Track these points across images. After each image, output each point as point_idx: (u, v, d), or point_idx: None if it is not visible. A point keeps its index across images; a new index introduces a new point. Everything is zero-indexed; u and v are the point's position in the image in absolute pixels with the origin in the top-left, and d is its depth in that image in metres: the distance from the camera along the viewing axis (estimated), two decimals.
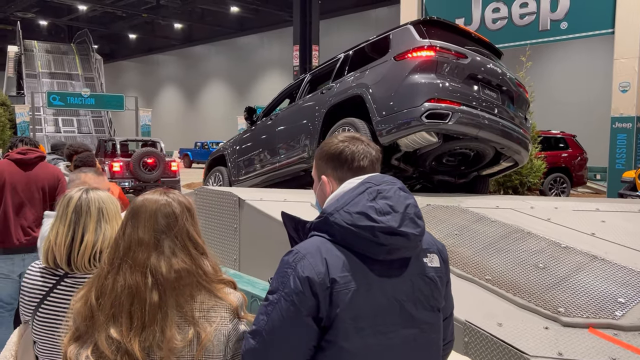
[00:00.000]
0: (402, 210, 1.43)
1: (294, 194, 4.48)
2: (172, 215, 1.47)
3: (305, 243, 1.45)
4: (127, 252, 1.42)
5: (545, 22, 11.37)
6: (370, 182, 1.49)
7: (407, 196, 1.49)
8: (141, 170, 12.81)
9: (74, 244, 1.77)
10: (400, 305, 1.41)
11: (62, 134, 24.59)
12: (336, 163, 1.57)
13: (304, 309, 1.34)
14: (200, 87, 40.37)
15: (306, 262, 1.37)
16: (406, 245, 1.42)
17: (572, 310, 2.62)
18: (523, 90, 5.24)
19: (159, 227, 1.44)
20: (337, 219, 1.41)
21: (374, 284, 1.39)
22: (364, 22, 28.42)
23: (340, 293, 1.35)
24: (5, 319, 3.95)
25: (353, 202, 1.44)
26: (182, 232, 1.46)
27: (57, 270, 1.79)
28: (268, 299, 1.40)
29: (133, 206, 1.48)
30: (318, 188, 1.61)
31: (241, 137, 6.86)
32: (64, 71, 27.85)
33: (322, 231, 1.45)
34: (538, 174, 9.44)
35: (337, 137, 1.61)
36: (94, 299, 1.41)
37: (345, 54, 5.69)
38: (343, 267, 1.37)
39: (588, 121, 19.38)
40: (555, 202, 4.11)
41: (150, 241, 1.43)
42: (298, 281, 1.35)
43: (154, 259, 1.41)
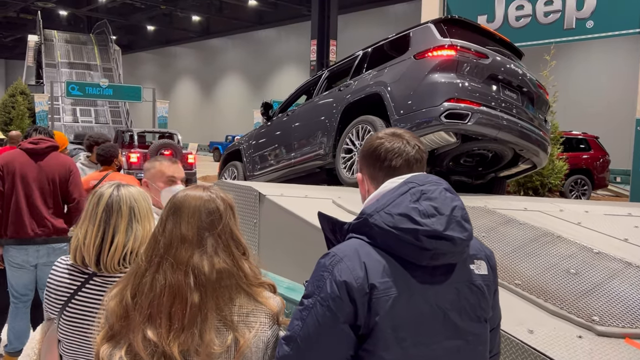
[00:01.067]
0: (448, 213, 1.34)
1: (315, 190, 4.41)
2: (217, 212, 1.39)
3: (343, 245, 1.36)
4: (169, 250, 1.34)
5: (571, 21, 11.13)
6: (414, 182, 1.39)
7: (453, 197, 1.39)
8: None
9: (104, 244, 1.69)
10: (444, 314, 1.32)
11: (80, 124, 24.80)
12: (370, 160, 1.50)
13: (341, 316, 1.26)
14: (217, 80, 40.43)
15: (343, 266, 1.29)
16: (452, 250, 1.32)
17: (607, 319, 2.52)
18: (543, 91, 5.17)
19: (203, 224, 1.37)
20: (377, 221, 1.32)
21: (416, 291, 1.30)
22: (382, 18, 28.22)
23: (380, 300, 1.26)
24: (20, 310, 3.94)
25: (394, 203, 1.34)
26: (226, 230, 1.39)
27: (86, 268, 1.72)
28: (303, 303, 1.32)
29: (174, 201, 1.40)
30: (361, 188, 1.54)
31: (257, 132, 6.83)
32: (82, 61, 28.06)
33: (360, 233, 1.36)
34: (559, 175, 9.28)
35: (379, 132, 1.53)
36: (130, 297, 1.34)
37: (364, 51, 5.64)
38: (383, 272, 1.29)
39: (609, 122, 19.07)
40: (586, 206, 4.00)
41: (194, 238, 1.35)
42: (335, 285, 1.27)
43: (197, 257, 1.33)
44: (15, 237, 3.79)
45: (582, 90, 20.52)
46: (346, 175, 4.87)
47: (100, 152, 4.42)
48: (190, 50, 42.81)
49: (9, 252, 3.82)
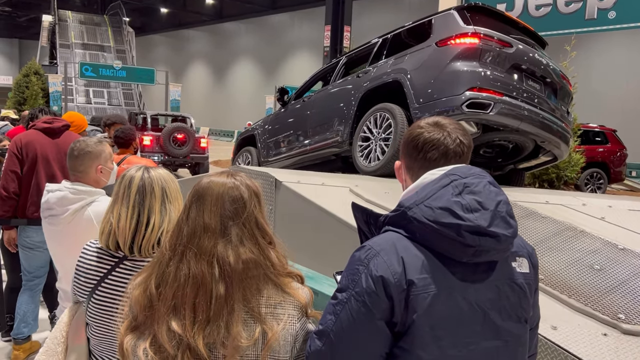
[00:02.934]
0: (493, 208, 1.27)
1: (332, 177, 4.36)
2: (241, 200, 1.34)
3: (379, 239, 1.30)
4: (192, 239, 1.30)
5: (592, 11, 10.92)
6: (456, 174, 1.32)
7: (498, 192, 1.32)
8: (171, 145, 12.77)
9: (139, 227, 1.66)
10: (484, 313, 1.26)
11: (93, 105, 24.88)
12: (407, 149, 1.44)
13: (377, 312, 1.21)
14: (230, 64, 40.31)
15: (380, 260, 1.23)
16: (496, 247, 1.26)
17: (633, 316, 2.46)
18: (566, 82, 5.06)
19: (226, 213, 1.32)
20: (417, 214, 1.26)
21: (456, 288, 1.24)
22: (397, 5, 27.90)
23: (419, 297, 1.21)
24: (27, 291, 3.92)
25: (435, 195, 1.28)
26: (251, 219, 1.34)
27: (117, 252, 1.69)
28: (337, 297, 1.27)
29: (198, 188, 1.35)
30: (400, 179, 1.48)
31: (272, 118, 6.77)
32: (96, 42, 28.08)
33: (398, 226, 1.30)
34: (576, 168, 9.17)
35: (421, 121, 1.46)
36: (154, 287, 1.30)
37: (383, 38, 5.54)
38: (422, 268, 1.23)
39: (627, 115, 18.80)
40: (609, 200, 3.92)
41: (217, 227, 1.30)
42: (371, 280, 1.22)
43: (221, 247, 1.28)
44: (36, 217, 3.78)
45: (602, 82, 20.20)
46: (363, 163, 4.81)
47: (120, 135, 4.39)
48: (203, 34, 42.67)
49: (26, 232, 3.81)
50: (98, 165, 2.47)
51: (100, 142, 2.53)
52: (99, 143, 2.52)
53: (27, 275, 3.89)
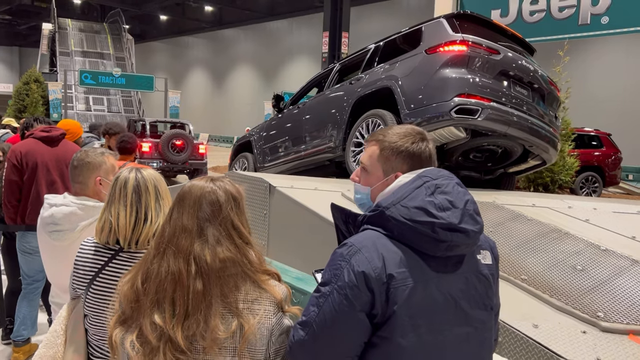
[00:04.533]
0: (462, 206, 1.40)
1: (325, 182, 4.45)
2: (217, 203, 1.44)
3: (360, 237, 1.41)
4: (172, 238, 1.41)
5: (586, 16, 11.02)
6: (427, 176, 1.45)
7: (465, 192, 1.45)
8: (169, 151, 12.85)
9: (138, 223, 1.78)
10: (456, 302, 1.39)
11: (93, 112, 24.97)
12: (415, 163, 1.52)
13: (358, 304, 1.32)
14: (229, 70, 40.46)
15: (361, 256, 1.34)
16: (466, 242, 1.39)
17: (611, 315, 2.54)
18: (554, 88, 5.16)
19: (203, 215, 1.42)
20: (394, 213, 1.38)
21: (431, 280, 1.36)
22: (395, 11, 28.05)
23: (398, 289, 1.32)
24: (27, 295, 4.00)
25: (410, 196, 1.40)
26: (227, 221, 1.44)
27: (113, 246, 1.81)
28: (320, 290, 1.37)
29: (180, 192, 1.47)
30: (381, 183, 1.55)
31: (268, 124, 6.88)
32: (96, 50, 28.19)
33: (377, 225, 1.41)
34: (570, 172, 9.25)
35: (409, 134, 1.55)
36: (140, 283, 1.41)
37: (375, 45, 5.65)
38: (400, 262, 1.34)
39: (622, 119, 18.89)
40: (594, 203, 4.01)
41: (193, 228, 1.41)
42: (353, 275, 1.32)
43: (198, 247, 1.39)
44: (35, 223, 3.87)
45: (598, 87, 20.31)
46: (356, 168, 4.89)
47: (127, 140, 4.46)
48: (202, 41, 42.85)
49: (25, 238, 3.90)
50: (97, 177, 2.44)
51: (102, 154, 2.51)
52: (100, 154, 2.49)
53: (27, 279, 3.98)
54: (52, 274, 2.55)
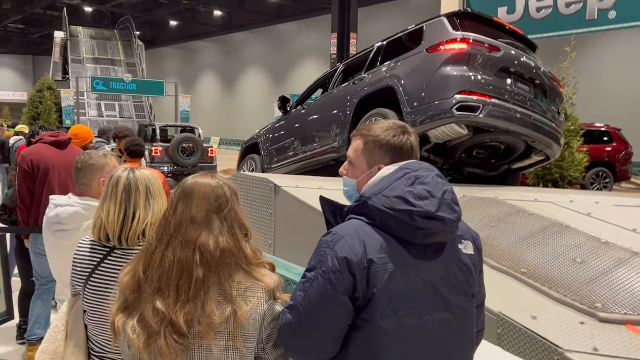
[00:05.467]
0: (440, 196, 1.47)
1: (329, 181, 4.52)
2: (224, 197, 1.54)
3: (344, 225, 1.50)
4: (179, 229, 1.49)
5: (593, 11, 10.97)
6: (409, 168, 1.53)
7: (444, 183, 1.53)
8: (180, 155, 13.04)
9: (126, 220, 1.85)
10: (435, 288, 1.45)
11: (105, 118, 25.27)
12: (396, 155, 1.60)
13: (341, 288, 1.39)
14: (239, 74, 40.69)
15: (344, 243, 1.42)
16: (443, 229, 1.45)
17: (609, 306, 2.57)
18: (557, 84, 5.18)
19: (212, 208, 1.52)
20: (376, 203, 1.46)
21: (411, 266, 1.43)
22: (403, 10, 28.03)
23: (378, 274, 1.40)
24: (41, 295, 4.11)
25: (391, 187, 1.47)
26: (232, 214, 1.54)
27: (108, 243, 1.89)
28: (306, 276, 1.45)
29: (184, 187, 1.56)
30: (366, 175, 1.63)
31: (274, 126, 6.96)
32: (107, 57, 28.54)
33: (360, 214, 1.49)
34: (579, 167, 9.19)
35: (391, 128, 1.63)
36: (142, 272, 1.50)
37: (378, 45, 5.71)
38: (381, 249, 1.42)
39: (634, 114, 18.70)
40: (597, 197, 4.03)
41: (203, 219, 1.50)
42: (336, 261, 1.40)
43: (204, 236, 1.48)
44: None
45: (609, 82, 20.14)
46: None
47: (136, 144, 4.55)
48: (212, 45, 43.14)
49: (39, 240, 4.00)
50: (101, 179, 2.48)
51: (104, 156, 2.58)
52: (103, 156, 2.57)
53: (40, 280, 4.09)
54: (57, 272, 2.62)
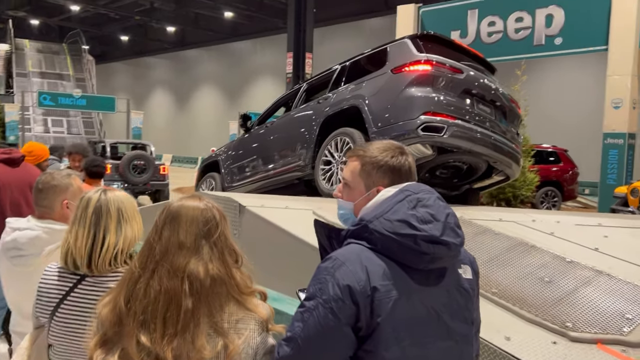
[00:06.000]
0: (443, 219, 1.43)
1: (295, 201, 4.45)
2: (213, 220, 1.44)
3: (343, 250, 1.42)
4: (165, 256, 1.39)
5: (540, 37, 11.50)
6: (409, 190, 1.48)
7: (445, 205, 1.49)
8: (130, 173, 12.71)
9: (95, 246, 1.73)
10: (438, 315, 1.40)
11: (52, 134, 24.33)
12: (395, 176, 1.55)
13: (343, 317, 1.32)
14: (192, 91, 40.22)
15: (346, 269, 1.35)
16: (448, 254, 1.41)
17: (580, 325, 2.61)
18: (515, 105, 5.34)
19: (200, 232, 1.42)
20: (377, 227, 1.39)
21: (414, 293, 1.38)
22: (357, 32, 28.54)
23: (382, 302, 1.33)
24: None
25: (393, 210, 1.42)
26: (222, 239, 1.44)
27: (77, 270, 1.75)
28: (304, 305, 1.37)
29: (170, 210, 1.45)
30: (364, 197, 1.57)
31: (236, 144, 6.87)
32: (54, 71, 27.59)
33: (360, 239, 1.42)
34: (531, 187, 9.52)
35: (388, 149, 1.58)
36: (124, 303, 1.38)
37: (342, 65, 5.74)
38: (384, 275, 1.35)
39: (577, 136, 19.58)
40: (557, 216, 4.13)
41: (191, 245, 1.40)
42: (338, 289, 1.33)
43: (193, 263, 1.38)
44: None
45: (553, 104, 21.05)
46: (325, 186, 4.93)
47: (96, 164, 4.32)
48: (165, 61, 42.52)
49: None
50: (64, 200, 2.32)
51: (68, 176, 2.40)
52: (66, 176, 2.39)
53: None
54: (14, 302, 2.43)
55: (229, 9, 31.24)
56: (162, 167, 13.66)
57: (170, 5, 31.56)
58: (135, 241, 1.79)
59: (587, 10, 10.81)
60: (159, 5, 31.95)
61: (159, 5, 31.89)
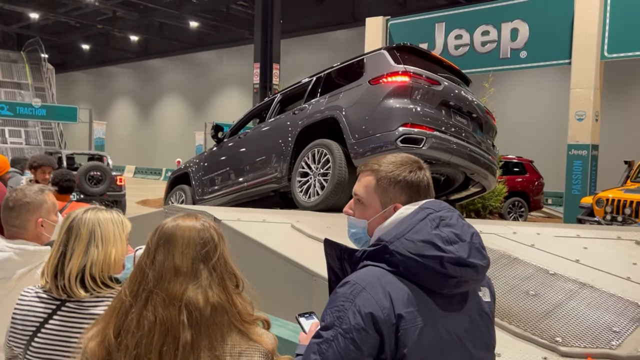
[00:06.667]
0: (469, 240, 1.33)
1: (273, 214, 4.34)
2: (212, 242, 1.32)
3: (362, 274, 1.30)
4: (159, 283, 1.25)
5: (506, 51, 11.74)
6: (430, 208, 1.36)
7: (469, 225, 1.39)
8: (87, 183, 12.59)
9: (59, 266, 1.60)
10: (461, 342, 1.31)
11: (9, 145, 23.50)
12: (413, 193, 1.43)
13: (366, 349, 1.20)
14: (156, 101, 39.58)
15: (367, 296, 1.23)
16: (474, 277, 1.32)
17: (569, 339, 2.58)
18: (490, 117, 5.37)
19: (198, 256, 1.28)
20: (399, 248, 1.28)
21: (438, 319, 1.28)
22: (324, 43, 28.69)
23: (408, 330, 1.22)
24: None
25: (414, 229, 1.31)
26: (221, 262, 1.31)
27: (59, 295, 1.60)
28: (321, 335, 1.24)
29: (163, 231, 1.31)
30: (379, 215, 1.44)
31: (207, 156, 6.70)
32: (12, 80, 26.74)
33: (379, 261, 1.31)
34: (499, 197, 9.65)
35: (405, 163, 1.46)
36: (113, 336, 1.23)
37: (317, 76, 5.69)
38: (408, 301, 1.25)
39: (539, 147, 20.06)
40: (536, 228, 4.14)
41: (188, 270, 1.26)
42: (359, 317, 1.21)
43: (191, 291, 1.25)
44: None
45: (516, 116, 21.54)
46: (303, 198, 4.83)
47: (67, 179, 4.07)
48: (128, 71, 41.75)
49: None
50: (38, 219, 2.14)
51: (41, 192, 2.21)
52: (39, 192, 2.20)
53: None
54: None
55: (194, 18, 30.94)
56: (119, 178, 13.75)
57: (133, 14, 31.04)
58: (112, 265, 1.64)
59: (550, 24, 11.09)
60: (122, 14, 31.38)
61: (121, 14, 31.32)
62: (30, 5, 29.60)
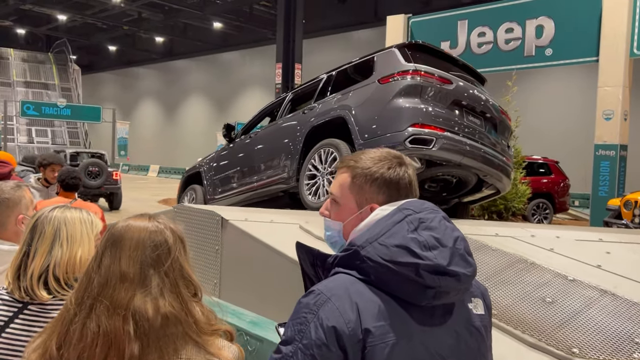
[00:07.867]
0: (451, 245, 1.18)
1: (281, 214, 4.24)
2: (165, 244, 1.20)
3: (329, 282, 1.17)
4: (104, 290, 1.14)
5: (531, 48, 11.44)
6: (409, 209, 1.22)
7: (453, 227, 1.23)
8: (86, 177, 14.00)
9: (21, 266, 1.52)
10: None
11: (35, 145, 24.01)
12: (392, 191, 1.29)
13: None
14: (180, 101, 39.98)
15: (331, 307, 1.10)
16: (456, 287, 1.16)
17: (587, 350, 2.41)
18: (506, 117, 5.19)
19: (148, 260, 1.17)
20: (371, 253, 1.15)
21: (415, 335, 1.13)
22: (347, 43, 28.56)
23: (376, 348, 1.08)
24: None
25: (389, 232, 1.16)
26: (175, 267, 1.19)
27: (21, 297, 1.51)
28: (281, 350, 1.11)
29: (112, 232, 1.20)
30: (355, 217, 1.30)
31: (219, 155, 6.64)
32: (40, 80, 27.35)
33: (350, 268, 1.17)
34: (523, 199, 9.38)
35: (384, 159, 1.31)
36: (55, 348, 1.13)
37: (328, 75, 5.58)
38: (379, 314, 1.10)
39: (565, 148, 19.59)
40: (556, 231, 3.96)
41: (135, 276, 1.15)
42: (321, 331, 1.08)
43: (139, 299, 1.13)
44: None
45: (541, 116, 21.08)
46: (310, 199, 4.73)
47: (73, 176, 4.06)
48: (152, 72, 42.28)
49: None
50: (19, 215, 2.07)
51: (19, 187, 2.14)
52: (17, 188, 2.12)
53: None
54: None
55: (217, 19, 31.16)
56: (114, 173, 15.57)
57: (158, 15, 31.41)
58: (77, 267, 1.54)
59: (577, 21, 10.76)
60: (148, 15, 31.78)
61: (147, 15, 31.72)
62: (58, 7, 30.18)
